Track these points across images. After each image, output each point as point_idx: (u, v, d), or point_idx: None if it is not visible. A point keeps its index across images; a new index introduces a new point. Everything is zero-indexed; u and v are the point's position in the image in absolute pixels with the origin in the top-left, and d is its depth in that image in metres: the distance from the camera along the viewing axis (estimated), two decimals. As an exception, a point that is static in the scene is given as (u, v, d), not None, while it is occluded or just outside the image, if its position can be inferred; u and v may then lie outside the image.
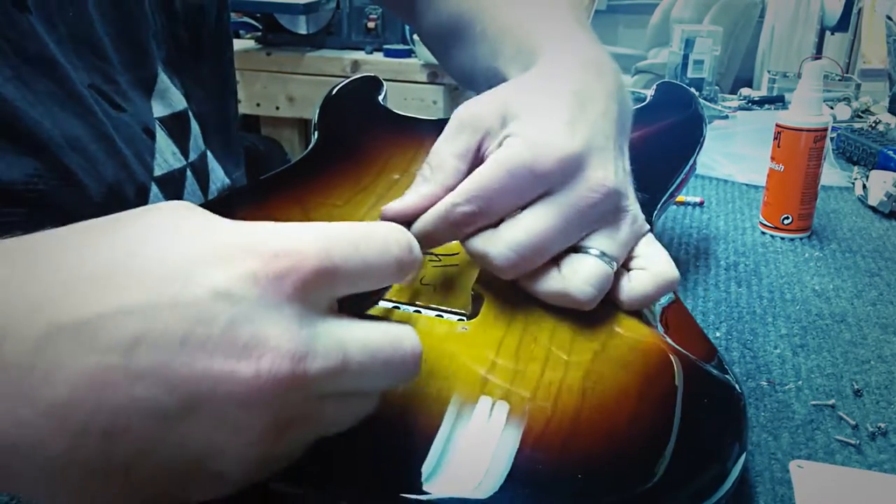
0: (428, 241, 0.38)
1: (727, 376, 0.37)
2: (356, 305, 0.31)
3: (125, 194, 0.51)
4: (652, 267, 0.39)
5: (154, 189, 0.55)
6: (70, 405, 0.22)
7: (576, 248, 0.38)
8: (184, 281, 0.23)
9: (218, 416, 0.23)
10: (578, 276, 0.37)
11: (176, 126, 0.59)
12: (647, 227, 0.40)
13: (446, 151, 0.38)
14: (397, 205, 0.38)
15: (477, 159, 0.38)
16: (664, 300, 0.43)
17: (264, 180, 0.55)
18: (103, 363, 0.22)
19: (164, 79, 0.58)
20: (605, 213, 0.38)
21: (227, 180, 0.67)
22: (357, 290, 0.28)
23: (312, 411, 0.26)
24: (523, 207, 0.37)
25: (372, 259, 0.27)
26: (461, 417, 0.32)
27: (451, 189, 0.37)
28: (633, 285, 0.39)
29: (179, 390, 0.23)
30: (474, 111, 0.39)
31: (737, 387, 0.36)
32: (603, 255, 0.38)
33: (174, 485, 0.24)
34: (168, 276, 0.23)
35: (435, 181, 0.38)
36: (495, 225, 0.37)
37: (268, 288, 0.24)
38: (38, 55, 0.46)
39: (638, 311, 0.40)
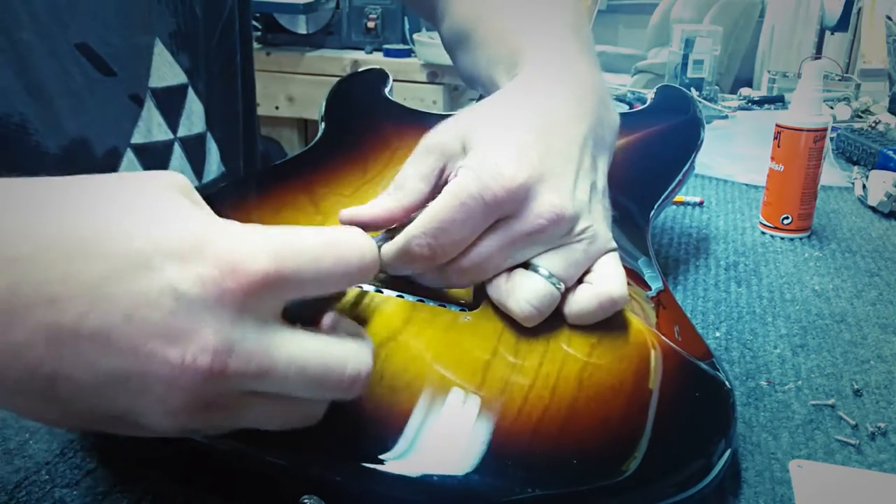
0: (392, 271, 0.40)
1: (718, 373, 0.38)
2: (323, 303, 0.32)
3: (91, 151, 0.54)
4: (598, 284, 0.39)
5: (129, 154, 0.57)
6: (24, 348, 0.26)
7: (527, 265, 0.39)
8: (143, 267, 0.27)
9: (143, 386, 0.27)
10: (519, 292, 0.38)
11: (167, 99, 0.59)
12: (612, 245, 0.41)
13: (410, 172, 0.41)
14: (354, 211, 0.41)
15: (441, 181, 0.40)
16: (653, 290, 0.44)
17: (274, 168, 0.55)
18: (58, 321, 0.26)
19: (162, 50, 0.58)
20: (555, 236, 0.39)
21: (224, 168, 0.68)
22: (309, 297, 0.30)
23: (233, 403, 0.29)
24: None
25: (325, 271, 0.29)
26: (459, 405, 0.34)
27: (409, 208, 0.40)
28: (575, 299, 0.39)
29: (115, 358, 0.26)
30: (437, 139, 0.40)
31: (727, 383, 0.38)
32: (551, 275, 0.39)
33: (102, 422, 0.29)
34: (131, 260, 0.27)
35: (395, 198, 0.40)
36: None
37: (211, 292, 0.27)
38: (22, 5, 0.49)
39: (634, 309, 0.41)
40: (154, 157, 0.59)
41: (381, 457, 0.31)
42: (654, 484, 0.32)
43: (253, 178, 0.54)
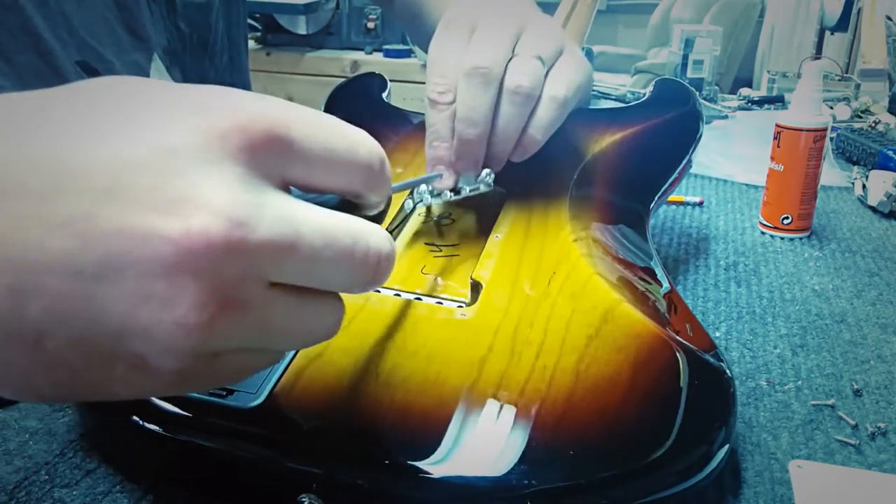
0: (461, 168, 0.48)
1: (721, 363, 0.38)
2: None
3: None
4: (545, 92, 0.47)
5: None
6: None
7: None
8: (123, 126, 0.21)
9: (141, 281, 0.20)
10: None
11: None
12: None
13: (485, 105, 0.48)
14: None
15: None
16: (664, 288, 0.44)
17: None
18: (14, 211, 0.20)
19: (158, 65, 0.58)
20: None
21: None
22: (315, 182, 0.25)
23: (256, 300, 0.22)
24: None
25: (335, 148, 0.25)
26: (454, 401, 0.34)
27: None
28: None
29: (98, 246, 0.20)
30: (490, 61, 0.47)
31: (727, 372, 0.38)
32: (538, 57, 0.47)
33: (93, 367, 0.22)
34: (108, 130, 0.21)
35: (479, 133, 0.48)
36: None
37: (211, 142, 0.21)
38: (21, 28, 0.48)
39: (641, 300, 0.41)
40: None
41: (377, 453, 0.31)
42: (653, 474, 0.32)
43: None
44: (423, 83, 0.51)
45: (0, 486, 0.35)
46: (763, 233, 0.70)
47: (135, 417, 0.34)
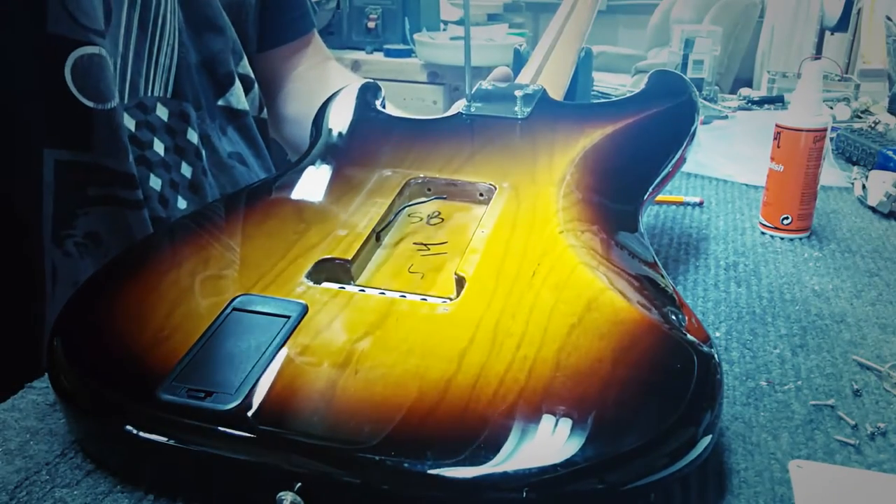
0: None
1: (710, 349, 0.38)
2: None
3: None
4: None
5: None
6: None
7: None
8: None
9: None
10: None
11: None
12: None
13: None
14: None
15: None
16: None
17: (269, 181, 0.55)
18: None
19: None
20: None
21: None
22: None
23: None
24: None
25: None
26: (431, 393, 0.34)
27: None
28: None
29: None
30: None
31: (715, 357, 0.37)
32: None
33: None
34: None
35: None
36: None
37: None
38: None
39: (629, 286, 0.41)
40: None
41: (355, 448, 0.32)
42: (637, 459, 0.32)
43: (243, 193, 0.54)
44: (423, 82, 0.51)
45: (1, 485, 0.35)
46: (763, 233, 0.70)
47: (128, 427, 0.34)
